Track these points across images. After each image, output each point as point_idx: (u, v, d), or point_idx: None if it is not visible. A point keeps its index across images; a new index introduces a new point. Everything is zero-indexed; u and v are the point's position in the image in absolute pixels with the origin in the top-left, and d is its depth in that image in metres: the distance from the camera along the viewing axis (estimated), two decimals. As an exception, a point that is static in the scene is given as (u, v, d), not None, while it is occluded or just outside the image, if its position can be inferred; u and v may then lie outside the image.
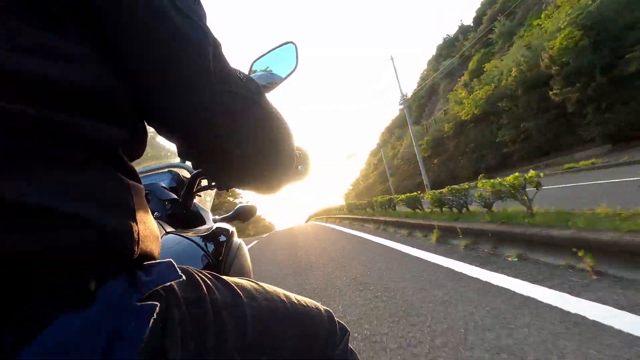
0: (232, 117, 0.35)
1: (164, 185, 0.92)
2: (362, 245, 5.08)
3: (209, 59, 0.32)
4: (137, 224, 0.28)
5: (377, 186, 43.00)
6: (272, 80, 0.77)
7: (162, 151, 1.33)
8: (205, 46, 0.32)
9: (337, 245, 5.70)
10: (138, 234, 0.28)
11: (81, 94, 0.26)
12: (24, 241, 0.21)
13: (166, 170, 1.09)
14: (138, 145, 0.32)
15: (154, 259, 0.31)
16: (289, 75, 0.77)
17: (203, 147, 0.37)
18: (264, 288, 0.45)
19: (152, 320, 0.24)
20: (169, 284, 0.30)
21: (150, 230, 0.31)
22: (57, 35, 0.25)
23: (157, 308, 0.25)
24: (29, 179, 0.22)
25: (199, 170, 0.82)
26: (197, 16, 0.32)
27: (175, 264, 0.31)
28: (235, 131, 0.36)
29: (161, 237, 0.61)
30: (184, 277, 0.31)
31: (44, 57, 0.24)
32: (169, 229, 0.72)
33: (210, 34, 0.33)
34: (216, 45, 0.34)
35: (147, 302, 0.26)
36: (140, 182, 0.32)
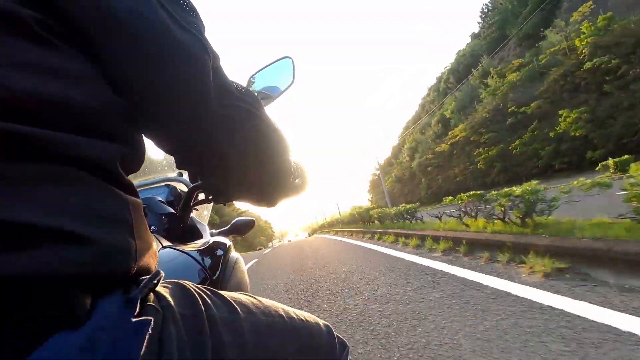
0: (231, 130, 0.35)
1: (161, 199, 0.92)
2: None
3: (208, 72, 0.32)
4: (134, 239, 0.28)
5: (469, 156, 19.95)
6: (270, 94, 0.78)
7: (157, 166, 1.33)
8: (205, 60, 0.32)
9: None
10: (136, 250, 0.28)
11: (75, 110, 0.25)
12: (18, 261, 0.21)
13: (163, 184, 1.09)
14: (136, 158, 0.32)
15: (151, 273, 0.31)
16: (286, 89, 0.78)
17: (202, 160, 0.37)
18: (261, 302, 0.44)
19: (147, 336, 0.24)
20: (163, 295, 0.30)
21: (147, 245, 0.31)
22: (51, 51, 0.25)
23: (152, 322, 0.25)
24: (23, 197, 0.22)
25: (196, 184, 0.82)
26: (196, 29, 0.33)
27: (160, 272, 0.30)
28: (234, 143, 0.36)
29: (158, 252, 0.61)
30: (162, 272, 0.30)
31: (36, 73, 0.24)
32: (166, 243, 0.71)
33: (209, 47, 0.34)
34: (215, 59, 0.34)
35: (141, 318, 0.25)
36: (138, 197, 0.31)
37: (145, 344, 0.24)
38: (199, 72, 0.32)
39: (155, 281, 0.29)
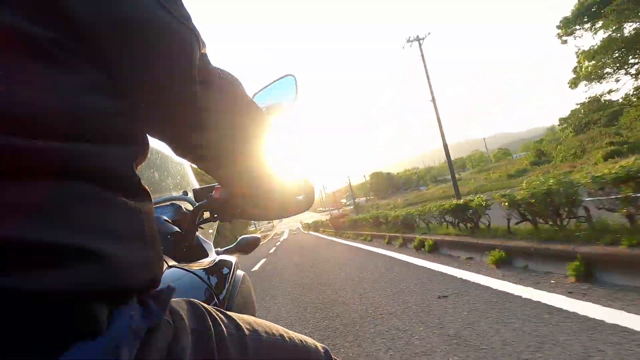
0: (215, 113, 0.37)
1: (166, 218, 0.92)
2: None
3: (196, 62, 0.33)
4: (147, 250, 0.29)
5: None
6: (272, 113, 0.79)
7: (162, 183, 1.34)
8: (195, 49, 0.33)
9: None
10: (149, 261, 0.29)
11: (88, 121, 0.26)
12: (41, 278, 0.21)
13: (169, 203, 1.09)
14: (144, 154, 0.33)
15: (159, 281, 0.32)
16: (289, 107, 0.79)
17: (192, 146, 0.39)
18: (263, 322, 0.46)
19: (161, 346, 0.25)
20: (176, 310, 0.31)
21: (157, 252, 0.32)
22: (60, 65, 0.25)
23: (165, 333, 0.27)
24: (47, 217, 0.22)
25: (201, 202, 0.82)
26: (186, 18, 0.33)
27: (173, 287, 0.32)
28: (223, 126, 0.38)
29: (164, 271, 0.61)
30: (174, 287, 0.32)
31: (39, 88, 0.24)
32: (172, 262, 0.71)
33: (199, 35, 0.34)
34: (203, 46, 0.35)
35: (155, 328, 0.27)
36: (150, 198, 0.32)
37: (158, 354, 0.25)
38: (188, 62, 0.32)
39: (171, 297, 0.30)
